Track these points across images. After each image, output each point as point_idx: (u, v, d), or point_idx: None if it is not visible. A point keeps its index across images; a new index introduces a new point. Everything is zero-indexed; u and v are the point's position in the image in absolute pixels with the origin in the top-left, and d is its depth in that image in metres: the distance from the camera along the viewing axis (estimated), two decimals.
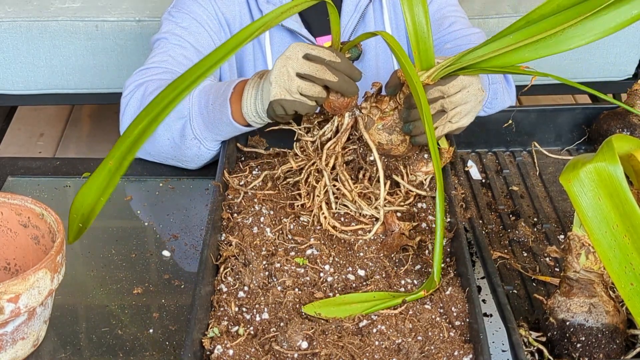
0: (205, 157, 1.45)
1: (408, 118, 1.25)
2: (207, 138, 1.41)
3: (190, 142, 1.42)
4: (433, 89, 1.23)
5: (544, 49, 1.13)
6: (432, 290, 1.12)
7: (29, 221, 1.16)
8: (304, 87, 1.23)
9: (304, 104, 1.25)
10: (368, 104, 1.29)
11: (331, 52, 1.23)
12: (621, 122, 1.51)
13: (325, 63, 1.23)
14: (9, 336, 1.06)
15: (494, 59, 1.18)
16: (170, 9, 1.64)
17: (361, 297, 1.12)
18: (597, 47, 2.57)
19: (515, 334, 1.05)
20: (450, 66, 1.23)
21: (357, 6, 1.65)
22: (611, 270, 0.94)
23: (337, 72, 1.23)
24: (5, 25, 2.45)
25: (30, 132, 3.14)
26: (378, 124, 1.27)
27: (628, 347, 1.07)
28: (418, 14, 1.23)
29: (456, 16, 1.70)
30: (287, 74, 1.23)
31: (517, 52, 1.16)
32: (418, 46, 1.24)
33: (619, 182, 0.93)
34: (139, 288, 1.24)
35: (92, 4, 2.53)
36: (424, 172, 1.33)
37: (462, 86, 1.25)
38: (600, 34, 1.09)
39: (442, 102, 1.25)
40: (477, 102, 1.28)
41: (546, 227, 1.34)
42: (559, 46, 1.12)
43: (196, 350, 1.03)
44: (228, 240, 1.23)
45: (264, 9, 1.62)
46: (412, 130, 1.25)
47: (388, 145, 1.28)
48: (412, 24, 1.24)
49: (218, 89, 1.37)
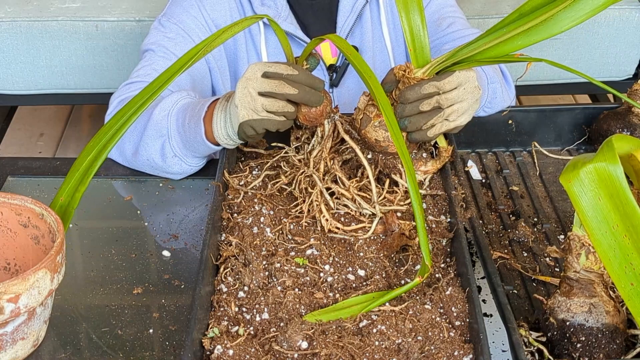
0: (188, 172, 1.46)
1: (403, 113, 1.25)
2: (187, 155, 1.42)
3: (172, 160, 1.43)
4: (428, 84, 1.23)
5: (537, 34, 1.13)
6: (426, 275, 1.11)
7: (29, 221, 1.16)
8: (268, 104, 1.25)
9: (272, 121, 1.27)
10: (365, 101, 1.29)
11: (287, 66, 1.25)
12: (621, 122, 1.51)
13: (283, 78, 1.24)
14: (9, 336, 1.06)
15: (489, 50, 1.18)
16: (161, 17, 1.64)
17: (360, 299, 1.12)
18: (597, 47, 2.57)
19: (516, 334, 1.05)
20: (445, 61, 1.23)
21: (353, 7, 1.65)
22: (611, 270, 0.94)
23: (297, 85, 1.25)
24: (5, 25, 2.45)
25: (30, 132, 3.14)
26: (375, 121, 1.27)
27: (628, 347, 1.07)
28: (413, 12, 1.23)
29: (454, 17, 1.70)
30: (250, 94, 1.25)
31: (510, 41, 1.16)
32: (414, 44, 1.24)
33: (619, 182, 0.93)
34: (139, 288, 1.24)
35: (92, 4, 2.53)
36: (422, 171, 1.33)
37: (458, 83, 1.25)
38: (590, 12, 1.08)
39: (438, 99, 1.25)
40: (474, 100, 1.28)
41: (546, 227, 1.34)
42: (551, 29, 1.12)
43: (196, 350, 1.03)
44: (228, 240, 1.23)
45: (258, 11, 1.62)
46: (408, 126, 1.25)
47: (385, 142, 1.27)
48: (407, 22, 1.24)
49: (194, 108, 1.38)
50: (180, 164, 1.43)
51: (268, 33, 1.64)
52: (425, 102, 1.24)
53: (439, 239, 1.24)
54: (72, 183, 1.18)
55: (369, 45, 1.69)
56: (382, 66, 1.71)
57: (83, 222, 1.39)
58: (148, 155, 1.43)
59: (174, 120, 1.40)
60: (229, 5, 1.64)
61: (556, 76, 2.63)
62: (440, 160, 1.33)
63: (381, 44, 1.71)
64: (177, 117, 1.39)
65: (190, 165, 1.44)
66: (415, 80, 1.24)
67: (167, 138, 1.40)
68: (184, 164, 1.43)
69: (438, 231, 1.25)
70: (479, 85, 1.28)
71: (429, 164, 1.33)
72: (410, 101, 1.24)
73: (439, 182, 1.34)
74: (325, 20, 1.68)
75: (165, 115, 1.40)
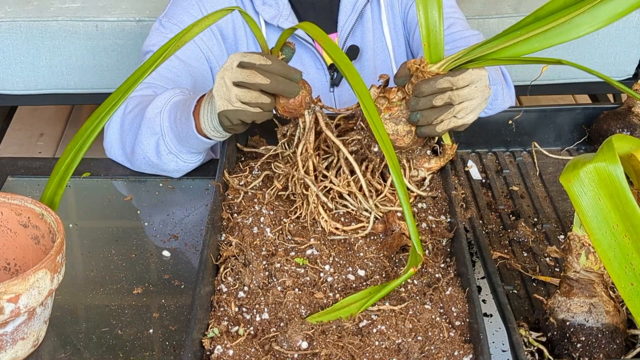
0: (185, 169, 1.46)
1: (416, 107, 1.25)
2: (182, 151, 1.42)
3: (167, 157, 1.43)
4: (443, 79, 1.24)
5: (553, 38, 1.13)
6: (419, 264, 1.11)
7: (29, 221, 1.16)
8: (241, 95, 1.25)
9: (247, 112, 1.26)
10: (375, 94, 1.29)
11: (261, 56, 1.25)
12: (621, 122, 1.51)
13: (256, 67, 1.24)
14: (8, 336, 1.06)
15: (504, 50, 1.18)
16: (161, 18, 1.64)
17: (357, 296, 1.12)
18: (597, 47, 2.57)
19: (516, 334, 1.05)
20: (460, 58, 1.23)
21: (354, 6, 1.65)
22: (611, 270, 0.94)
23: (270, 75, 1.24)
24: (5, 25, 2.45)
25: (30, 132, 3.14)
26: (385, 114, 1.27)
27: (628, 347, 1.07)
28: (431, 7, 1.23)
29: (455, 18, 1.70)
30: (225, 84, 1.25)
31: (526, 42, 1.16)
32: (429, 39, 1.24)
33: (619, 182, 0.93)
34: (139, 288, 1.24)
35: (92, 4, 2.53)
36: (426, 168, 1.33)
37: (470, 80, 1.25)
38: (607, 20, 1.09)
39: (450, 95, 1.25)
40: (483, 99, 1.29)
41: (546, 227, 1.34)
42: (568, 34, 1.12)
43: (196, 350, 1.03)
44: (228, 240, 1.23)
45: (260, 10, 1.62)
46: (420, 120, 1.26)
47: (394, 136, 1.27)
48: (425, 17, 1.23)
49: (185, 103, 1.38)
50: (176, 161, 1.43)
51: (270, 32, 1.64)
52: (438, 97, 1.24)
53: (439, 239, 1.24)
54: (52, 187, 1.19)
55: (370, 45, 1.69)
56: (383, 65, 1.72)
57: (83, 222, 1.39)
58: (144, 153, 1.43)
59: (167, 117, 1.40)
60: (229, 5, 1.64)
61: (556, 76, 2.63)
62: (444, 157, 1.33)
63: (382, 44, 1.71)
64: (169, 114, 1.39)
65: (185, 162, 1.44)
66: (430, 75, 1.24)
67: (160, 135, 1.40)
68: (180, 160, 1.43)
69: (438, 231, 1.25)
70: (489, 85, 1.29)
71: (433, 161, 1.33)
72: (425, 94, 1.24)
73: (439, 182, 1.34)
74: (326, 19, 1.68)
75: (158, 112, 1.40)
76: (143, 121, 1.41)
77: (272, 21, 1.62)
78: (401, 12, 1.71)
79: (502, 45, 1.18)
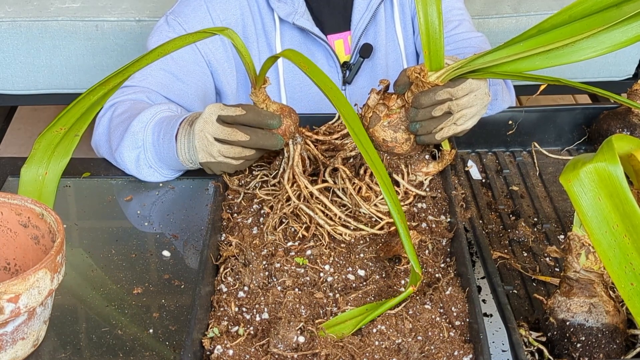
0: (163, 180, 1.47)
1: (415, 118, 1.25)
2: (162, 167, 1.43)
3: (147, 170, 1.43)
4: (442, 90, 1.23)
5: (555, 58, 1.14)
6: (419, 283, 1.11)
7: (29, 221, 1.16)
8: (224, 150, 1.27)
9: (230, 164, 1.29)
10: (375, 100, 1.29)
11: (236, 108, 1.26)
12: (621, 122, 1.51)
13: (236, 121, 1.25)
14: (8, 336, 1.06)
15: (505, 64, 1.18)
16: (168, 14, 1.63)
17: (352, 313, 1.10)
18: None
19: (515, 334, 1.05)
20: (460, 68, 1.23)
21: (369, 5, 1.66)
22: (611, 270, 0.94)
23: (250, 131, 1.25)
24: (5, 25, 2.45)
25: (30, 132, 3.14)
26: (384, 121, 1.27)
27: (628, 347, 1.07)
28: (431, 14, 1.22)
29: (461, 19, 1.71)
30: (206, 139, 1.27)
31: (528, 59, 1.16)
32: (429, 46, 1.24)
33: (619, 182, 0.93)
34: (139, 288, 1.24)
35: (92, 4, 2.53)
36: (424, 173, 1.33)
37: (470, 89, 1.25)
38: (612, 47, 1.10)
39: (450, 104, 1.25)
40: (482, 106, 1.29)
41: (546, 227, 1.34)
42: (570, 56, 1.12)
43: (196, 350, 1.03)
44: (228, 240, 1.23)
45: (275, 7, 1.61)
46: (419, 130, 1.26)
47: (392, 143, 1.28)
48: (425, 24, 1.23)
49: (169, 123, 1.38)
50: (155, 175, 1.44)
51: (284, 29, 1.64)
52: (437, 108, 1.25)
53: (439, 239, 1.24)
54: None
55: (382, 44, 1.70)
56: (395, 65, 1.72)
57: (83, 222, 1.39)
58: (123, 164, 1.45)
59: (150, 133, 1.40)
60: (239, 4, 1.63)
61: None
62: (442, 162, 1.33)
63: (394, 43, 1.72)
64: (153, 131, 1.40)
65: (165, 176, 1.45)
66: (430, 85, 1.24)
67: (142, 150, 1.41)
68: (159, 175, 1.44)
69: (438, 231, 1.25)
70: (489, 92, 1.29)
71: (431, 165, 1.33)
72: (424, 107, 1.24)
73: (439, 182, 1.34)
74: (340, 17, 1.68)
75: (143, 127, 1.40)
76: (127, 133, 1.41)
77: (287, 18, 1.62)
78: (412, 11, 1.72)
79: (504, 59, 1.17)
